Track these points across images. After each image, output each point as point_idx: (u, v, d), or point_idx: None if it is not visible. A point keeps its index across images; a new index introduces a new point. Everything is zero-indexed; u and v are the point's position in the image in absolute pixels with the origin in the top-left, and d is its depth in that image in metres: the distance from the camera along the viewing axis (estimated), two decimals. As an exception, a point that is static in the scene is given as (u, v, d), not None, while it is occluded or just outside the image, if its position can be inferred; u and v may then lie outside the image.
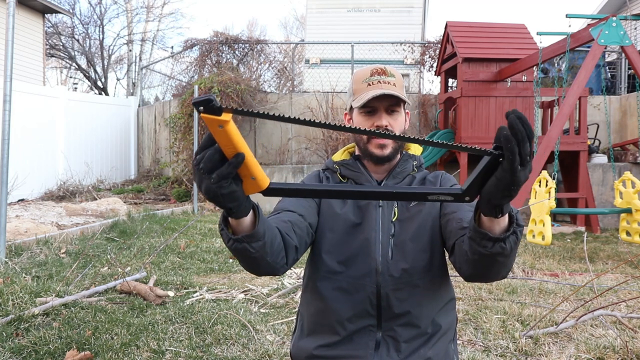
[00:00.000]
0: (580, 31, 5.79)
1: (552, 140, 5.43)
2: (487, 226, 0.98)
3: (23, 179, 8.26)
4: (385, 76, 1.36)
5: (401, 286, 1.31)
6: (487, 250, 1.00)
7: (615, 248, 5.55)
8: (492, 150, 0.85)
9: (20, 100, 8.44)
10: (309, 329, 1.40)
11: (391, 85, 1.35)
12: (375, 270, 1.31)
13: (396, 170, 1.42)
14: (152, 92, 14.06)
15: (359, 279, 1.32)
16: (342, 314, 1.32)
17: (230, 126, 0.83)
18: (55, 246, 4.69)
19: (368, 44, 10.01)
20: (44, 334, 2.51)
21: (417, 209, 1.37)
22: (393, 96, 1.33)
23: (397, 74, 1.39)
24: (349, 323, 1.32)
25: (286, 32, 29.37)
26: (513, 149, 0.80)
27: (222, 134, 0.83)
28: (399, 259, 1.32)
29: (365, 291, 1.31)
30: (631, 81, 9.56)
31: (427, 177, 1.45)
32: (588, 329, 2.85)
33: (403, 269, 1.31)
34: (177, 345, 2.56)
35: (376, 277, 1.31)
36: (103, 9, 18.35)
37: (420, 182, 1.43)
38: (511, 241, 0.98)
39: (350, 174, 1.43)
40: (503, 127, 0.81)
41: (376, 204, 1.37)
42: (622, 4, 12.15)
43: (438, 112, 8.35)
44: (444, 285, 1.38)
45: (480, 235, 0.99)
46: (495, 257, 1.01)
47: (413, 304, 1.31)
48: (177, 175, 9.42)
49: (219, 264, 4.50)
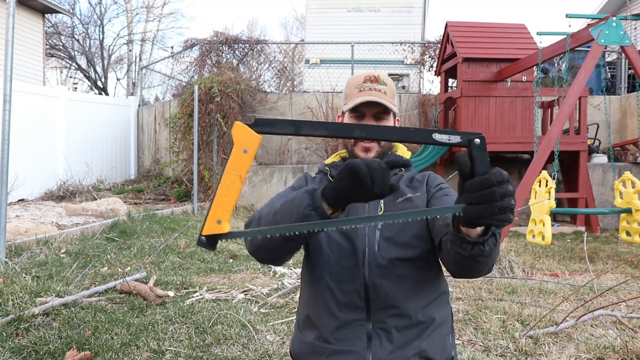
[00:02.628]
0: (580, 31, 5.79)
1: (552, 140, 5.43)
2: (465, 231, 1.01)
3: (23, 179, 8.26)
4: (377, 84, 1.41)
5: (388, 276, 1.33)
6: (467, 252, 1.03)
7: (615, 248, 5.55)
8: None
9: (20, 100, 8.44)
10: (304, 323, 1.43)
11: (381, 94, 1.40)
12: (362, 261, 1.34)
13: None
14: (152, 92, 14.07)
15: (348, 270, 1.34)
16: (331, 303, 1.35)
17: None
18: (55, 246, 4.69)
19: (368, 44, 10.01)
20: (44, 334, 2.51)
21: (403, 205, 1.39)
22: (380, 104, 1.38)
23: (390, 83, 1.45)
24: (339, 312, 1.34)
25: (286, 32, 29.38)
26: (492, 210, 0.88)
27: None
28: (385, 250, 1.34)
29: (353, 282, 1.33)
30: (631, 81, 9.56)
31: (415, 177, 1.47)
32: (588, 329, 2.85)
33: (389, 259, 1.33)
34: (177, 345, 2.56)
35: (363, 268, 1.33)
36: (103, 9, 18.38)
37: (407, 181, 1.46)
38: (490, 243, 1.01)
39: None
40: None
41: None
42: (622, 4, 12.15)
43: (438, 112, 8.35)
44: (434, 278, 1.39)
45: (460, 239, 1.02)
46: (475, 258, 1.05)
47: (401, 295, 1.32)
48: (177, 175, 9.42)
49: (219, 264, 4.50)
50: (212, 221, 0.98)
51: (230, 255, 4.86)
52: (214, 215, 0.98)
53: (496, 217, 0.88)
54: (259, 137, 0.94)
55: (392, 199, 1.40)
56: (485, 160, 0.89)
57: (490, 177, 0.87)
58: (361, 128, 0.99)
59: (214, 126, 8.57)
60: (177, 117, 9.14)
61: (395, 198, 1.41)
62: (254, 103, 8.95)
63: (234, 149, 0.95)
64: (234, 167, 0.95)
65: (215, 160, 8.59)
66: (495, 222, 0.89)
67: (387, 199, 1.39)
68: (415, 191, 1.43)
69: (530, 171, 5.08)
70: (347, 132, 1.04)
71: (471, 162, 0.89)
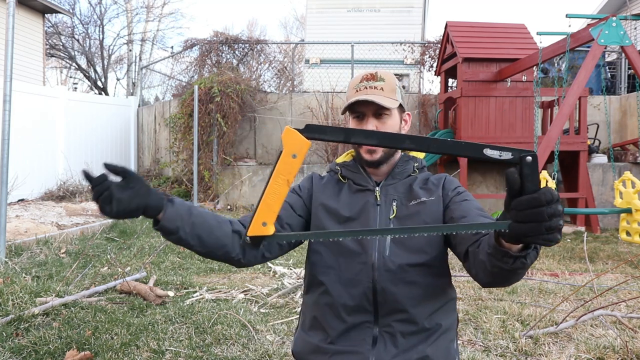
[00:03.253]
0: (580, 31, 5.78)
1: (552, 140, 5.43)
2: (508, 245, 0.99)
3: (23, 179, 8.26)
4: (373, 81, 1.38)
5: (397, 282, 1.31)
6: (509, 266, 1.01)
7: (615, 248, 5.55)
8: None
9: (20, 100, 8.44)
10: (310, 324, 1.42)
11: (378, 90, 1.36)
12: (372, 265, 1.32)
13: (395, 172, 1.43)
14: (152, 92, 14.07)
15: (356, 273, 1.33)
16: (340, 307, 1.34)
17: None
18: (55, 246, 4.69)
19: (368, 44, 10.01)
20: (44, 334, 2.51)
21: (416, 208, 1.37)
22: (373, 102, 1.34)
23: (389, 77, 1.40)
24: (347, 316, 1.33)
25: (286, 32, 29.40)
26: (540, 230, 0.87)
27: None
28: (395, 255, 1.32)
29: (362, 285, 1.32)
30: (631, 81, 9.55)
31: (430, 179, 1.45)
32: (588, 329, 2.85)
33: (399, 265, 1.31)
34: (177, 345, 2.56)
35: (372, 272, 1.32)
36: (103, 9, 18.38)
37: (421, 183, 1.43)
38: (532, 256, 1.00)
39: (350, 174, 1.47)
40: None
41: (374, 203, 1.39)
42: (622, 4, 12.15)
43: (438, 112, 8.35)
44: (443, 285, 1.38)
45: (502, 253, 1.00)
46: (516, 271, 1.04)
47: (410, 301, 1.31)
48: (177, 175, 9.42)
49: (219, 264, 4.50)
50: (257, 223, 1.02)
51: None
52: (260, 217, 1.01)
53: (542, 237, 0.88)
54: (308, 143, 0.96)
55: (405, 201, 1.39)
56: (535, 179, 0.88)
57: (540, 197, 0.86)
58: (411, 139, 0.98)
59: (214, 126, 8.56)
60: (177, 117, 9.14)
61: (409, 200, 1.39)
62: (254, 103, 8.95)
63: (283, 154, 0.97)
64: (282, 171, 0.97)
65: (215, 160, 8.59)
66: (541, 242, 0.89)
67: (399, 201, 1.39)
68: (430, 194, 1.39)
69: (530, 171, 5.07)
70: (397, 143, 1.02)
71: (521, 179, 0.88)
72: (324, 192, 1.47)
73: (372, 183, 1.43)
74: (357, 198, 1.42)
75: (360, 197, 1.42)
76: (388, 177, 1.43)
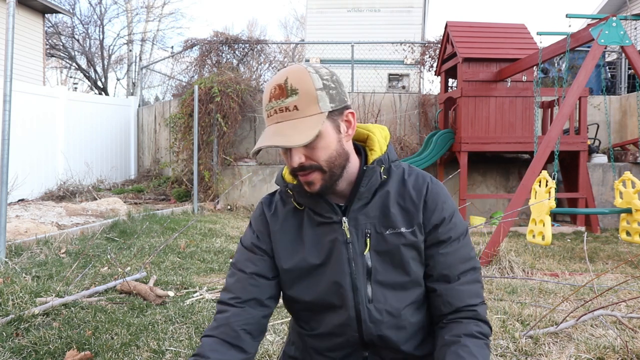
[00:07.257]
0: (580, 31, 5.78)
1: (552, 140, 5.42)
2: None
3: (23, 179, 8.26)
4: (282, 99, 1.05)
5: (387, 331, 1.16)
6: None
7: (615, 248, 5.55)
8: None
9: (20, 100, 8.44)
10: (297, 349, 1.34)
11: (291, 112, 1.05)
12: (355, 318, 1.16)
13: (360, 191, 1.15)
14: (152, 92, 14.09)
15: (337, 327, 1.19)
16: (324, 349, 1.25)
17: None
18: (55, 246, 4.69)
19: (368, 44, 10.02)
20: (44, 334, 2.51)
21: (395, 241, 1.14)
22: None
23: (303, 84, 1.05)
24: (333, 352, 1.24)
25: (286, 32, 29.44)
26: None
27: None
28: (380, 301, 1.15)
29: (345, 335, 1.19)
30: (631, 81, 9.56)
31: (408, 190, 1.17)
32: (588, 329, 2.85)
33: (387, 312, 1.15)
34: (177, 345, 2.56)
35: (357, 325, 1.17)
36: (103, 9, 18.39)
37: (398, 196, 1.17)
38: None
39: (306, 201, 1.18)
40: None
41: (344, 240, 1.15)
42: (622, 4, 12.15)
43: (438, 112, 8.35)
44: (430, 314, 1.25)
45: None
46: None
47: (401, 340, 1.19)
48: (177, 175, 9.42)
49: (219, 264, 4.50)
50: None
51: (230, 255, 4.86)
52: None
53: None
54: None
55: (380, 227, 1.15)
56: None
57: None
58: None
59: (214, 126, 8.57)
60: (177, 117, 9.14)
61: (385, 227, 1.15)
62: (254, 103, 8.95)
63: None
64: None
65: (215, 160, 8.60)
66: None
67: (373, 230, 1.15)
68: (410, 221, 1.15)
69: (530, 171, 5.08)
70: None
71: None
72: (282, 232, 1.21)
73: (336, 211, 1.16)
74: (321, 235, 1.17)
75: (326, 233, 1.17)
76: (354, 200, 1.15)
